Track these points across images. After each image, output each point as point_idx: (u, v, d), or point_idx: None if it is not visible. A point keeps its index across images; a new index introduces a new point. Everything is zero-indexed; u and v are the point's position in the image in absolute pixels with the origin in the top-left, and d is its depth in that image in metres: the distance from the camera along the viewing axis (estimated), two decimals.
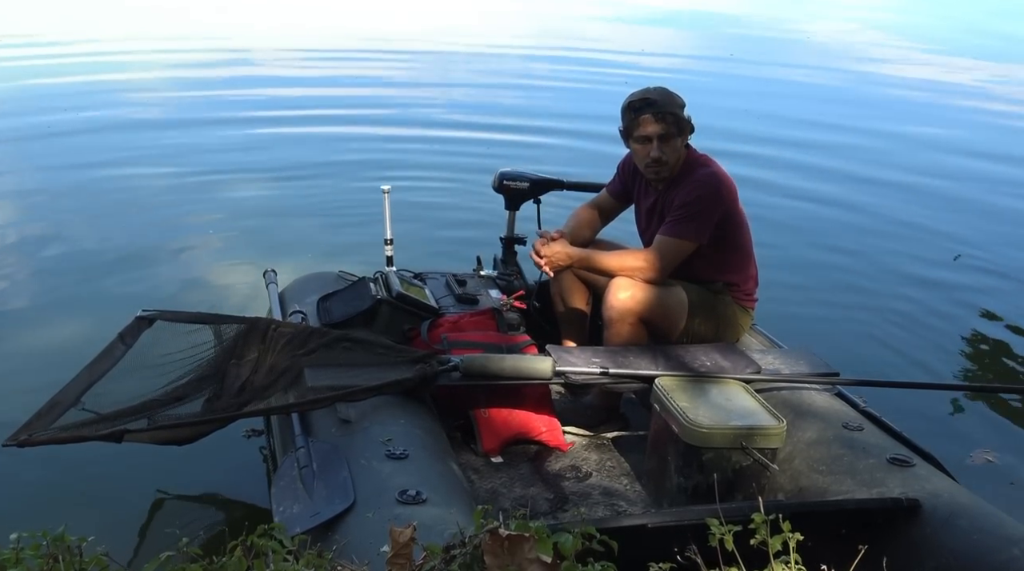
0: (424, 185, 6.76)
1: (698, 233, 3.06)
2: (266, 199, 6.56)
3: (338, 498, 2.19)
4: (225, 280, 5.03)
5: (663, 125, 3.02)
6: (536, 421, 3.03)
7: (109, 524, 2.86)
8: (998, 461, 3.56)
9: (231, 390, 2.70)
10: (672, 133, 3.04)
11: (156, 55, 12.31)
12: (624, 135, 3.15)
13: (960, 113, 11.15)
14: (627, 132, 3.12)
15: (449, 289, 3.65)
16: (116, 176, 6.86)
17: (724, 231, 3.11)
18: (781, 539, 1.50)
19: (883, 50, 16.74)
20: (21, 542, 1.37)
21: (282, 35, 14.99)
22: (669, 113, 3.03)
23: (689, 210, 3.05)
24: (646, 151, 3.06)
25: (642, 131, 3.05)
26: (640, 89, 3.12)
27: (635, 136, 3.08)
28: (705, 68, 13.06)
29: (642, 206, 3.29)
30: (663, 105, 3.03)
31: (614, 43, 15.30)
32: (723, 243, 3.13)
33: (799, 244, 5.96)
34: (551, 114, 9.53)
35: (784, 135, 9.02)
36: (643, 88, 3.13)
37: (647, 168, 3.11)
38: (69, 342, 3.99)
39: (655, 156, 3.05)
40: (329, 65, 12.11)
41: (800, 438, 2.66)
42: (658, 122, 3.02)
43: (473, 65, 12.59)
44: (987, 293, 5.40)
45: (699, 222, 3.05)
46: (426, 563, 1.35)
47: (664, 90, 3.11)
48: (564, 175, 3.86)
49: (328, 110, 9.33)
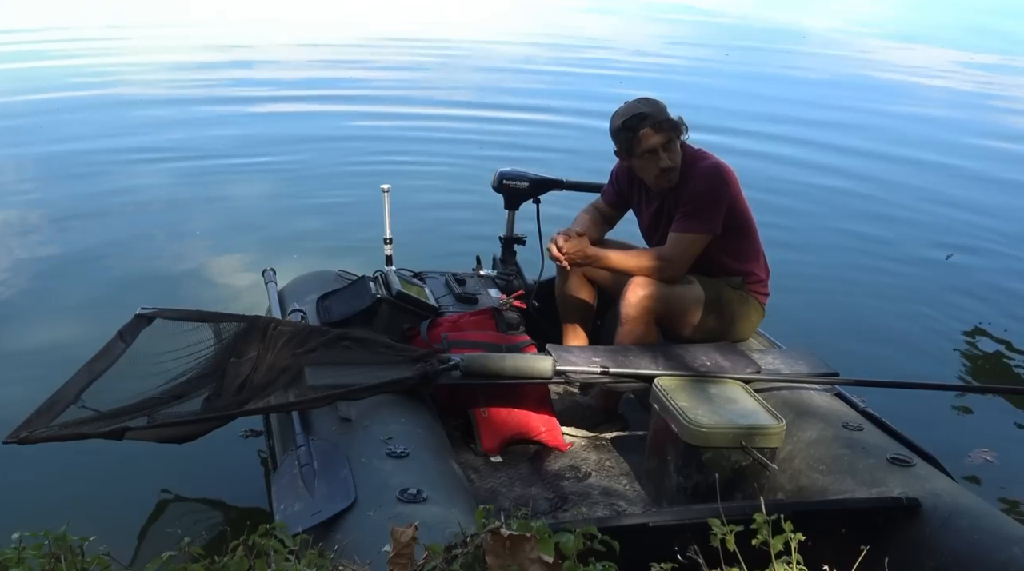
0: (424, 184, 6.76)
1: (711, 224, 3.06)
2: (266, 197, 6.57)
3: (339, 496, 2.20)
4: (224, 278, 5.03)
5: (663, 134, 3.03)
6: (535, 421, 3.03)
7: (109, 524, 2.85)
8: (997, 461, 3.56)
9: (231, 388, 2.71)
10: (672, 138, 3.06)
11: (155, 53, 12.31)
12: (625, 155, 3.14)
13: (961, 113, 11.15)
14: (628, 151, 3.10)
15: (449, 288, 3.65)
16: (116, 174, 6.86)
17: (733, 220, 3.12)
18: (783, 539, 1.50)
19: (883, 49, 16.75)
20: (23, 542, 1.37)
21: (281, 33, 14.97)
22: (664, 119, 3.04)
23: (698, 203, 3.06)
24: (655, 163, 3.06)
25: (645, 145, 3.05)
26: (624, 107, 3.11)
27: (639, 152, 3.07)
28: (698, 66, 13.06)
29: (645, 213, 3.29)
30: (656, 115, 3.04)
31: (615, 41, 15.30)
32: (734, 232, 3.14)
33: (798, 244, 5.96)
34: (551, 113, 9.53)
35: (782, 130, 9.03)
36: (626, 105, 3.11)
37: (658, 179, 3.11)
38: (68, 340, 3.99)
39: (665, 166, 3.06)
40: (329, 63, 12.10)
41: (800, 438, 2.67)
42: (658, 132, 3.03)
43: (472, 63, 12.59)
44: (988, 293, 5.41)
45: (710, 213, 3.06)
46: (428, 563, 1.35)
47: (649, 100, 3.11)
48: (564, 175, 3.86)
49: (327, 107, 9.33)
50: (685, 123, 3.10)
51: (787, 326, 3.87)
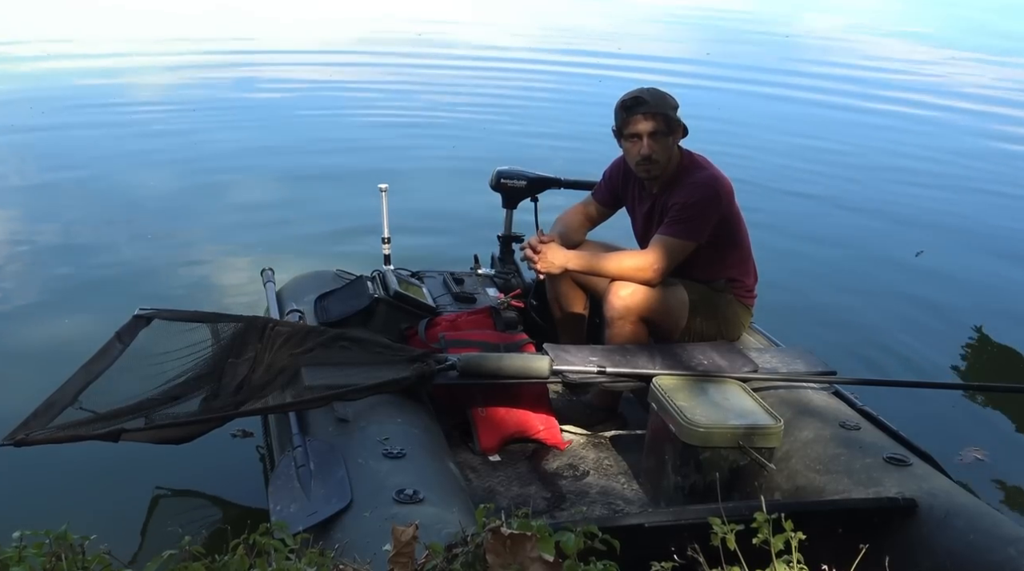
0: (422, 183, 6.75)
1: (697, 234, 3.07)
2: (263, 197, 6.55)
3: (335, 497, 2.20)
4: (222, 279, 5.03)
5: (653, 123, 3.04)
6: (534, 420, 3.03)
7: (110, 523, 2.85)
8: (987, 459, 3.56)
9: (228, 389, 2.70)
10: (662, 131, 3.06)
11: (155, 56, 12.27)
12: (616, 134, 3.17)
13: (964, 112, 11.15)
14: (619, 131, 3.13)
15: (447, 288, 3.65)
16: (114, 175, 6.85)
17: (723, 230, 3.13)
18: (783, 539, 1.50)
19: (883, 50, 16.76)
20: (24, 540, 1.37)
21: (279, 34, 14.95)
22: (660, 113, 3.05)
23: (688, 212, 3.06)
24: (636, 149, 3.08)
25: (632, 129, 3.07)
26: (632, 90, 3.14)
27: (626, 134, 3.10)
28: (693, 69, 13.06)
29: (638, 212, 3.30)
30: (654, 105, 3.05)
31: (617, 41, 15.29)
32: (722, 241, 3.15)
33: (796, 244, 5.96)
34: (550, 112, 9.54)
35: (780, 134, 9.04)
36: (636, 88, 3.14)
37: (638, 166, 3.12)
38: (66, 341, 3.98)
39: (645, 153, 3.06)
40: (326, 63, 12.08)
41: (797, 437, 2.67)
42: (648, 120, 3.04)
43: (470, 62, 12.57)
44: (988, 293, 5.41)
45: (697, 223, 3.06)
46: (428, 562, 1.35)
47: (656, 91, 3.13)
48: (562, 173, 3.86)
49: (324, 109, 9.32)
50: (686, 126, 3.11)
51: (785, 325, 3.88)
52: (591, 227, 3.43)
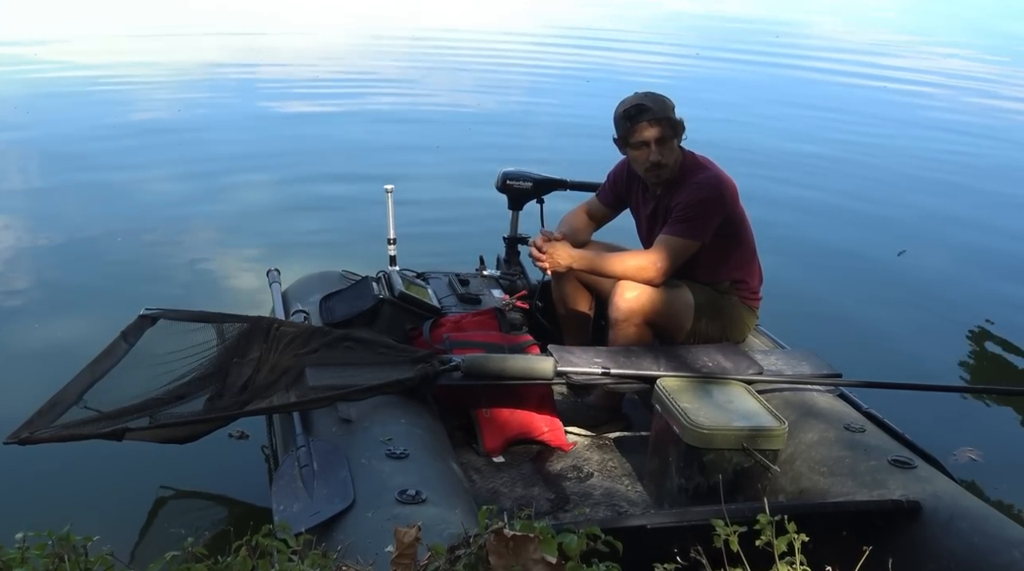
0: (427, 184, 6.76)
1: (700, 234, 3.07)
2: (269, 198, 6.57)
3: (338, 497, 2.20)
4: (228, 279, 5.04)
5: (659, 129, 3.04)
6: (538, 421, 3.03)
7: (113, 523, 2.86)
8: (981, 459, 3.54)
9: (233, 389, 2.71)
10: (668, 136, 3.06)
11: (160, 54, 12.32)
12: (621, 143, 3.16)
13: (964, 112, 11.13)
14: (624, 140, 3.13)
15: (452, 289, 3.65)
16: (120, 174, 6.88)
17: (727, 230, 3.13)
18: (786, 540, 1.50)
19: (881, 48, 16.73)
20: (27, 541, 1.37)
21: (286, 33, 14.99)
22: (664, 117, 3.05)
23: (692, 211, 3.06)
24: (645, 156, 3.08)
25: (639, 137, 3.06)
26: (631, 96, 3.13)
27: (632, 143, 3.10)
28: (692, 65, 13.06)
29: (642, 213, 3.30)
30: (657, 110, 3.05)
31: (621, 41, 15.29)
32: (727, 241, 3.15)
33: (801, 246, 5.95)
34: (555, 113, 9.53)
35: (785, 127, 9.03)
36: (634, 94, 3.14)
37: (647, 173, 3.12)
38: (71, 340, 4.00)
39: (655, 160, 3.06)
40: (332, 63, 12.11)
41: (802, 439, 2.66)
42: (654, 126, 3.04)
43: (476, 62, 12.58)
44: (991, 293, 5.39)
45: (700, 222, 3.06)
46: (430, 563, 1.35)
47: (655, 95, 3.12)
48: (567, 175, 3.86)
49: (331, 108, 9.33)
50: (684, 125, 3.11)
51: (790, 327, 3.87)
52: (596, 228, 3.44)
